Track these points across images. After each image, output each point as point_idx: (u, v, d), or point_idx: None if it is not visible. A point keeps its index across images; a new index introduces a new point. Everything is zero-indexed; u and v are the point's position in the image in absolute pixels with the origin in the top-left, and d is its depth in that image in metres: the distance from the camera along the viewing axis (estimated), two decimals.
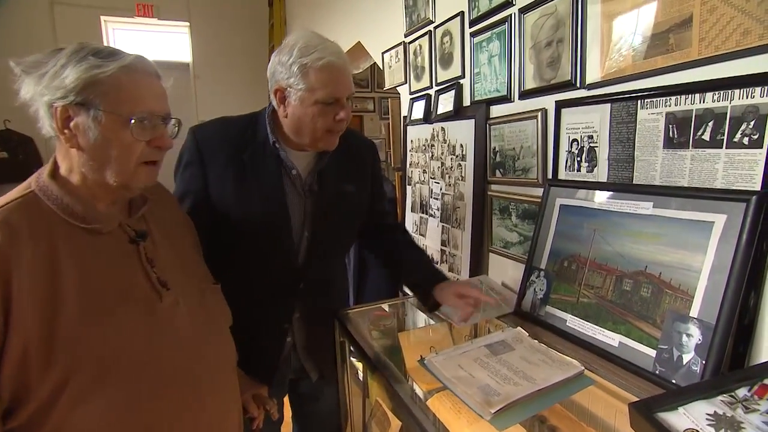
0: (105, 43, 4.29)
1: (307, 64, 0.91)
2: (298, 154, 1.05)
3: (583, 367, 0.88)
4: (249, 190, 1.03)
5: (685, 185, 0.87)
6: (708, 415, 0.64)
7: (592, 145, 1.06)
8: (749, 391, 0.65)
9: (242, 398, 1.02)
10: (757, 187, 0.77)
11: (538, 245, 1.13)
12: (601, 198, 1.02)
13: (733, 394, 0.66)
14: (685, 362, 0.78)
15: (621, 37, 0.96)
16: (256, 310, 1.09)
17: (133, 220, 0.72)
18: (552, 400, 0.81)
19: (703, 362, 0.74)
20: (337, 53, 0.94)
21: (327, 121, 0.95)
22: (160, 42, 4.38)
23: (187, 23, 4.21)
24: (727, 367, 0.77)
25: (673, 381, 0.77)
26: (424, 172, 1.92)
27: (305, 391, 1.30)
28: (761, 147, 0.76)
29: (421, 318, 1.51)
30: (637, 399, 0.79)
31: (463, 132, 1.57)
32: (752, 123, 0.76)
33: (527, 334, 1.02)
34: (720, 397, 0.66)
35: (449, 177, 1.71)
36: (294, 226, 1.04)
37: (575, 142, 1.11)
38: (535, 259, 1.12)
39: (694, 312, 0.78)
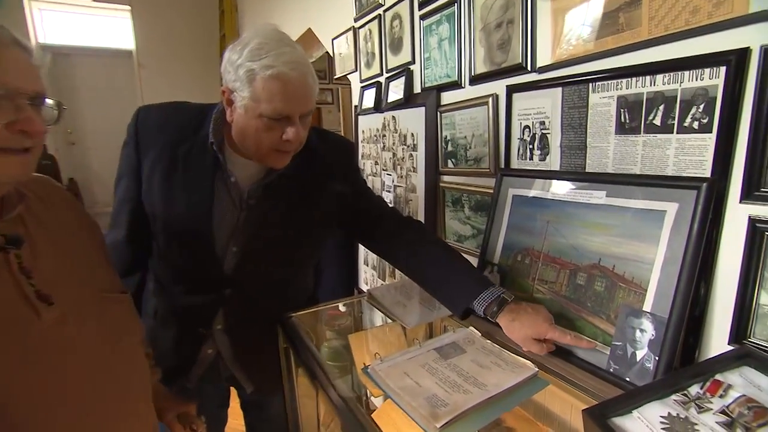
0: (32, 27, 3.88)
1: (255, 70, 0.78)
2: (244, 162, 0.91)
3: (536, 369, 0.83)
4: (174, 187, 0.92)
5: (638, 172, 0.84)
6: (662, 417, 0.61)
7: (544, 131, 1.02)
8: (701, 388, 0.63)
9: (166, 419, 0.91)
10: (708, 173, 0.74)
11: (491, 239, 1.08)
12: (554, 187, 0.97)
13: (686, 392, 0.63)
14: (638, 359, 0.75)
15: (572, 16, 0.91)
16: (178, 310, 1.01)
17: (5, 223, 0.59)
18: (504, 407, 0.76)
19: (656, 358, 0.72)
20: (294, 63, 0.79)
21: (273, 139, 0.82)
22: (99, 27, 4.08)
23: (128, 7, 3.92)
24: (679, 361, 0.75)
25: (627, 379, 0.74)
26: (376, 163, 1.85)
27: (250, 400, 1.20)
28: (711, 131, 0.73)
29: (379, 316, 1.43)
30: (592, 400, 0.76)
31: (414, 120, 1.50)
32: (702, 106, 0.73)
33: (479, 333, 0.96)
34: (673, 397, 0.63)
35: (401, 168, 1.64)
36: (218, 237, 0.93)
37: (527, 129, 1.06)
38: (488, 253, 1.07)
39: (647, 306, 0.75)
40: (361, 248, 2.11)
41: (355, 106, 2.00)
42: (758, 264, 0.70)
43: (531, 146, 1.06)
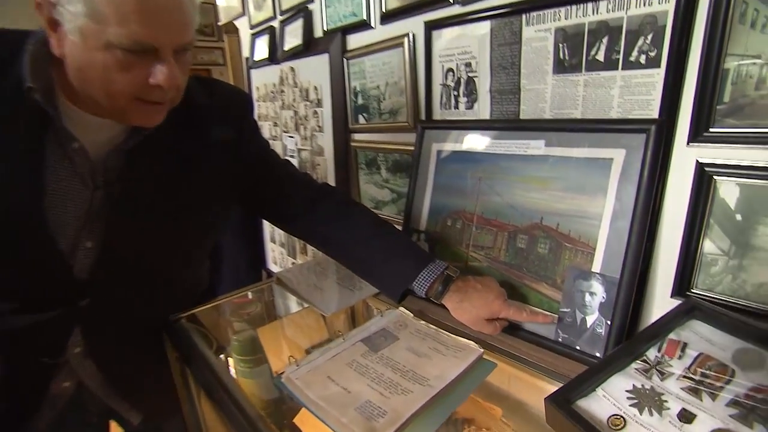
0: None
1: None
2: (92, 120, 0.64)
3: (481, 350, 0.73)
4: None
5: (579, 117, 0.75)
6: (627, 392, 0.55)
7: (470, 74, 0.89)
8: (659, 351, 0.59)
9: None
10: (655, 114, 0.67)
11: (414, 203, 0.96)
12: (484, 139, 0.86)
13: (645, 358, 0.59)
14: (589, 325, 0.69)
15: None
16: (3, 338, 0.72)
17: None
18: (454, 402, 0.64)
19: (608, 323, 0.67)
20: None
21: (134, 83, 0.57)
22: None
23: None
24: (628, 323, 0.69)
25: (578, 347, 0.70)
26: (275, 125, 1.60)
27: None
28: (659, 66, 0.65)
29: (294, 300, 1.24)
30: (543, 376, 0.70)
31: (316, 71, 1.30)
32: (650, 37, 0.65)
33: (411, 314, 0.83)
34: (634, 366, 0.58)
35: (305, 128, 1.43)
36: (61, 230, 0.66)
37: (450, 73, 0.92)
38: (413, 220, 0.96)
39: (596, 266, 0.69)
40: (267, 222, 1.87)
41: (246, 59, 1.71)
42: (704, 211, 0.65)
43: (456, 93, 0.93)
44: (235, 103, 0.81)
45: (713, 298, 0.64)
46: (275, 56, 1.48)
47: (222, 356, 0.91)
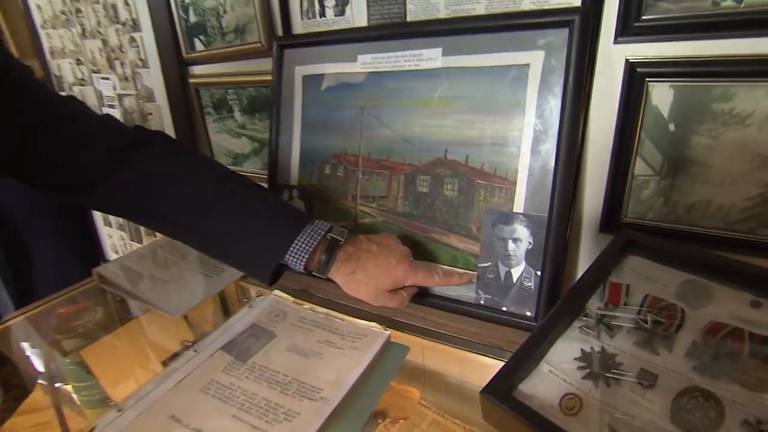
0: None
1: None
2: None
3: (388, 331, 0.58)
4: None
5: (483, 12, 0.59)
6: (576, 360, 0.46)
7: None
8: (602, 301, 0.51)
9: None
10: (577, 1, 0.53)
11: (281, 150, 0.78)
12: (363, 54, 0.67)
13: (587, 311, 0.50)
14: (515, 279, 0.60)
15: None
16: None
17: None
18: (364, 409, 0.48)
19: (538, 273, 0.58)
20: None
21: None
22: None
23: None
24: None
25: (504, 308, 0.60)
26: (79, 63, 1.20)
27: None
28: None
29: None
30: (464, 349, 0.59)
31: None
32: None
33: (291, 298, 0.64)
34: (577, 324, 0.50)
35: (122, 65, 1.08)
36: None
37: None
38: (281, 173, 0.78)
39: (518, 206, 0.59)
40: None
41: None
42: (636, 123, 0.56)
43: None
44: None
45: (645, 225, 0.58)
46: None
47: (59, 384, 0.72)
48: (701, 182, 0.54)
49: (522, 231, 0.58)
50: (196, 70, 0.97)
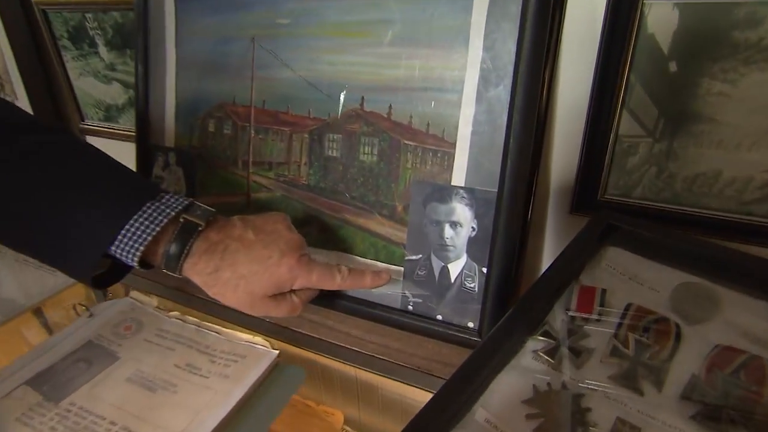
0: None
1: None
2: None
3: (276, 351, 0.47)
4: None
5: None
6: (526, 404, 0.35)
7: None
8: (568, 311, 0.40)
9: None
10: None
11: (152, 98, 0.63)
12: None
13: (547, 327, 0.39)
14: (453, 277, 0.49)
15: None
16: None
17: None
18: None
19: (484, 270, 0.47)
20: None
21: None
22: None
23: None
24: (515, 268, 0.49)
25: (439, 317, 0.50)
26: None
27: None
28: None
29: None
30: (381, 372, 0.50)
31: None
32: None
33: (155, 302, 0.51)
34: (531, 346, 0.39)
35: None
36: None
37: None
38: (153, 131, 0.64)
39: (459, 177, 0.47)
40: None
41: None
42: (624, 60, 0.44)
43: None
44: None
45: (631, 205, 0.48)
46: None
47: None
48: (709, 146, 0.43)
49: (463, 212, 0.47)
50: None
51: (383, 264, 0.51)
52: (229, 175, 0.59)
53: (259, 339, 0.47)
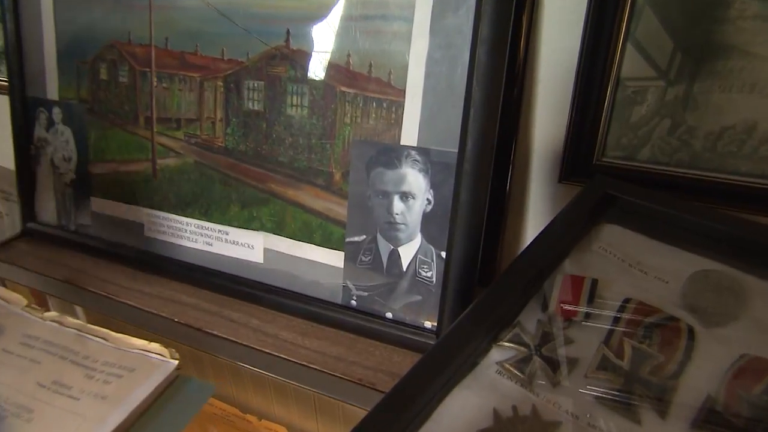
0: None
1: None
2: None
3: (175, 360, 0.43)
4: None
5: None
6: None
7: None
8: (545, 307, 0.37)
9: None
10: None
11: (25, 38, 0.59)
12: None
13: (518, 329, 0.35)
14: (405, 264, 0.46)
15: None
16: None
17: None
18: None
19: (442, 255, 0.44)
20: None
21: None
22: None
23: None
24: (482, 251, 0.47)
25: (388, 315, 0.48)
26: None
27: None
28: None
29: None
30: (314, 387, 0.47)
31: None
32: None
33: (24, 301, 0.49)
34: (496, 355, 0.34)
35: None
36: None
37: None
38: (31, 81, 0.60)
39: (410, 134, 0.43)
40: None
41: None
42: None
43: None
44: None
45: (635, 170, 0.45)
46: None
47: None
48: (741, 89, 0.39)
49: (415, 180, 0.43)
50: None
51: (318, 248, 0.46)
52: (129, 136, 0.55)
53: (155, 346, 0.42)
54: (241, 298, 0.51)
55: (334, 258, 0.47)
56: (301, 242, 0.49)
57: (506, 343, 0.34)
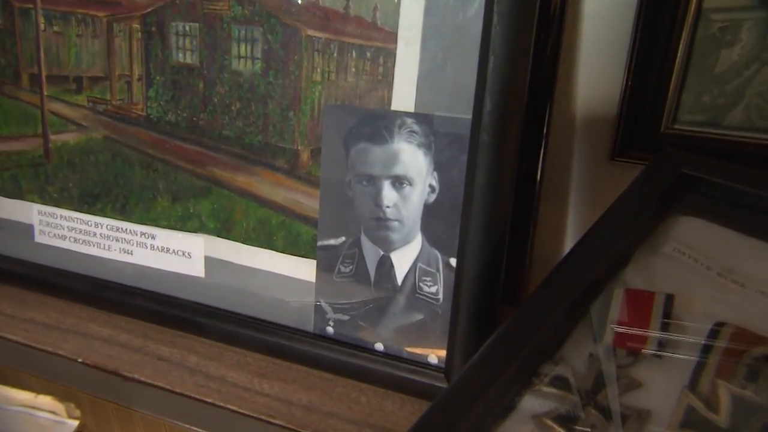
0: None
1: None
2: None
3: (75, 418, 0.42)
4: None
5: None
6: None
7: None
8: (600, 339, 0.37)
9: None
10: None
11: None
12: None
13: (561, 369, 0.35)
14: (400, 277, 0.46)
15: None
16: None
17: None
18: None
19: (452, 262, 0.44)
20: None
21: None
22: None
23: None
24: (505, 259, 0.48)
25: (378, 347, 0.49)
26: None
27: None
28: None
29: None
30: None
31: None
32: None
33: None
34: (528, 404, 0.34)
35: None
36: None
37: None
38: None
39: (403, 97, 0.43)
40: None
41: None
42: None
43: None
44: None
45: (724, 140, 0.45)
46: None
47: None
48: None
49: (413, 159, 0.42)
50: None
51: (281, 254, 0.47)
52: (8, 101, 0.55)
53: (45, 401, 0.40)
54: (174, 326, 0.52)
55: (303, 268, 0.48)
56: (256, 247, 0.49)
57: (545, 388, 0.33)
